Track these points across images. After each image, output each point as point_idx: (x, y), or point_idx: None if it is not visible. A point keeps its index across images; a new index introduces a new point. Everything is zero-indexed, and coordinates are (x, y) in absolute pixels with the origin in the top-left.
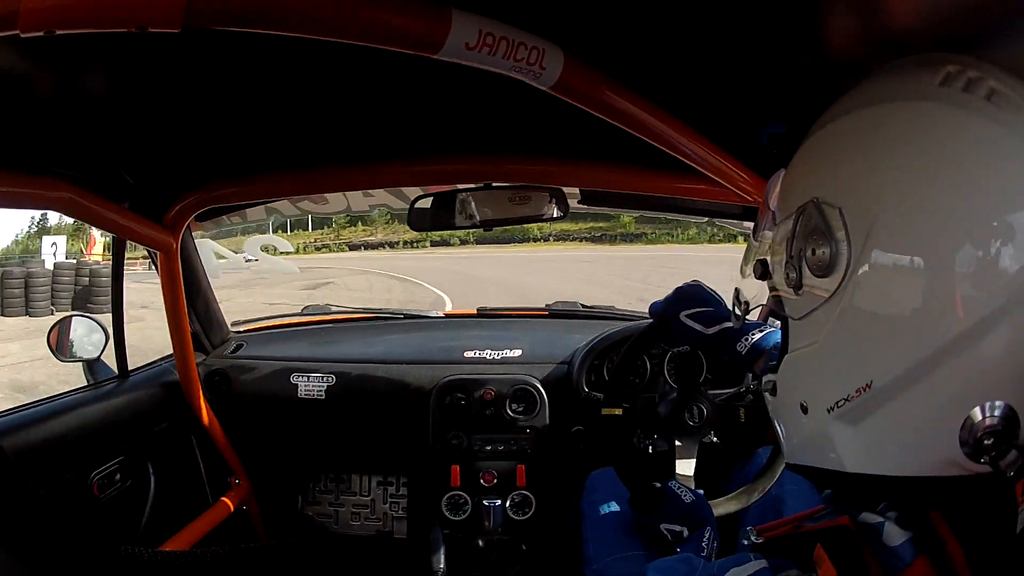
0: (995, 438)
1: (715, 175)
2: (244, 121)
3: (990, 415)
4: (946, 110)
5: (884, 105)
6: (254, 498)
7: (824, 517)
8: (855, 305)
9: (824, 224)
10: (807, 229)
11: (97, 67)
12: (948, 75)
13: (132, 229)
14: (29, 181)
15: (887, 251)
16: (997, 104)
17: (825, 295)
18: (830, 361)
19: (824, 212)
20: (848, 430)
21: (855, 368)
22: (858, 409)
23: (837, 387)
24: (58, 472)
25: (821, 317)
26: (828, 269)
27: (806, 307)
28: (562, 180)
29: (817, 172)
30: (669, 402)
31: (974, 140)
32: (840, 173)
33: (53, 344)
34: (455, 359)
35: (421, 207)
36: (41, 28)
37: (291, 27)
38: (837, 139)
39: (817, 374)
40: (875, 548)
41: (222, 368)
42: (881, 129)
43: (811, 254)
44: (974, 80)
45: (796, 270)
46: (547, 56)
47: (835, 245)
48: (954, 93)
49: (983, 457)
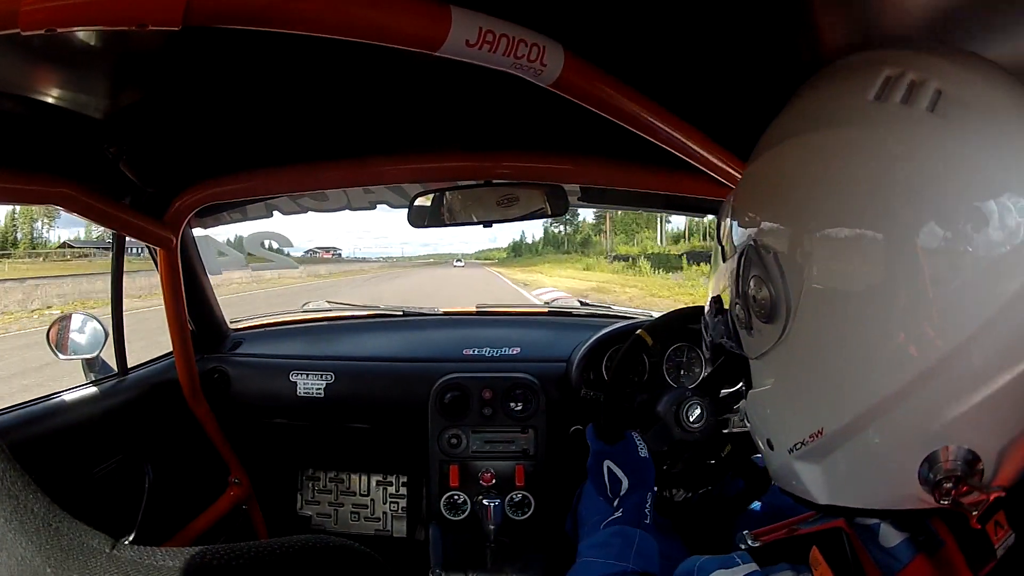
0: (954, 481)
1: (715, 172)
2: (245, 118)
3: (949, 459)
4: (881, 135)
5: (813, 134)
6: (253, 497)
7: (819, 520)
8: (798, 352)
9: (763, 268)
10: (748, 271)
11: (98, 65)
12: (886, 81)
13: (132, 226)
14: (30, 178)
15: (824, 300)
16: (943, 113)
17: (771, 341)
18: (784, 405)
19: (761, 255)
20: (812, 467)
21: (806, 414)
22: (816, 451)
23: (793, 431)
24: (58, 469)
25: (772, 359)
26: (771, 315)
27: (758, 348)
28: (562, 177)
29: (753, 209)
30: (668, 401)
31: (916, 166)
32: (773, 214)
33: (53, 341)
34: (454, 357)
35: (421, 204)
36: (42, 26)
37: (291, 25)
38: (770, 173)
39: (775, 415)
40: (872, 549)
41: (221, 366)
42: (810, 167)
43: (754, 299)
44: (916, 84)
45: (745, 311)
46: (548, 53)
47: (774, 291)
48: (891, 108)
49: (944, 499)
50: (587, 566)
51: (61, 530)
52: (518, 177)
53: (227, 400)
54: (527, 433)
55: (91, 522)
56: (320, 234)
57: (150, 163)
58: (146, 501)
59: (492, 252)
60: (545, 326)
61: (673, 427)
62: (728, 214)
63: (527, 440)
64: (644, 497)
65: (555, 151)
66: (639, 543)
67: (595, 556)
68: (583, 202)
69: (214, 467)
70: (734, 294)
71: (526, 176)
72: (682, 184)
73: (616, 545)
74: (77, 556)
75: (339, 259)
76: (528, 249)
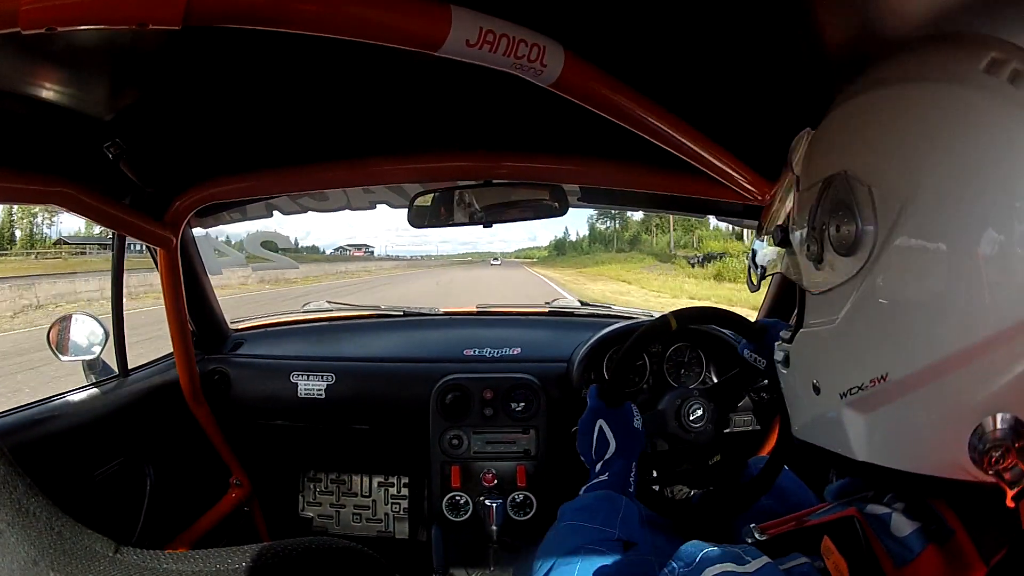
0: (1001, 450)
1: (715, 173)
2: (245, 118)
3: (1000, 427)
4: (992, 102)
5: (924, 84)
6: (255, 498)
7: (830, 510)
8: (876, 290)
9: (852, 201)
10: (833, 203)
11: (98, 64)
12: (992, 62)
13: (132, 225)
14: (30, 177)
15: (915, 239)
16: None
17: (846, 275)
18: (846, 345)
19: (853, 188)
20: (859, 418)
21: (872, 357)
22: (872, 399)
23: (852, 373)
24: (59, 472)
25: (840, 296)
26: (852, 248)
27: (825, 283)
28: (563, 177)
29: (848, 144)
30: (670, 400)
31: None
32: (873, 150)
33: (53, 343)
34: (454, 357)
35: (421, 204)
36: (42, 25)
37: (292, 25)
38: (872, 112)
39: (832, 355)
40: (883, 539)
41: (222, 367)
42: (920, 110)
43: (835, 230)
44: (1020, 72)
45: (818, 243)
46: (548, 53)
47: (861, 225)
48: (1000, 85)
49: (988, 469)
50: (573, 530)
51: (64, 534)
52: (518, 177)
53: (228, 401)
54: (528, 433)
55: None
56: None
57: (150, 163)
58: (147, 503)
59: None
60: (546, 326)
61: (674, 426)
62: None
63: (528, 440)
64: (629, 465)
65: (555, 151)
66: (624, 510)
67: (580, 520)
68: (583, 202)
69: (215, 469)
70: (809, 222)
71: (526, 176)
72: (683, 184)
73: (603, 511)
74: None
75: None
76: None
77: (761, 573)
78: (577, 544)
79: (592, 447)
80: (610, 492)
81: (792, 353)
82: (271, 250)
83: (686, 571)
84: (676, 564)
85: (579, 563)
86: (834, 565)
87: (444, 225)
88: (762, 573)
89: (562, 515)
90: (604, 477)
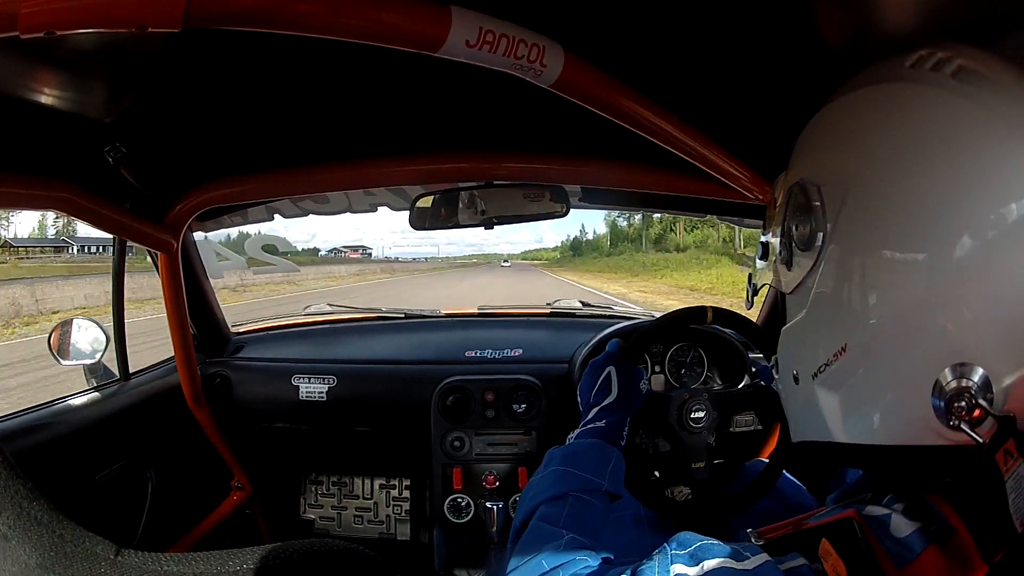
0: (965, 400)
1: (716, 172)
2: (245, 121)
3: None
4: (911, 87)
5: (859, 90)
6: (257, 501)
7: (827, 514)
8: (831, 272)
9: (806, 201)
10: (794, 208)
11: (98, 68)
12: (919, 58)
13: (133, 230)
14: (30, 182)
15: (857, 219)
16: (962, 79)
17: (808, 267)
18: (813, 328)
19: (807, 190)
20: (832, 397)
21: (831, 333)
22: (838, 373)
23: (819, 352)
24: (61, 476)
25: (805, 289)
26: (809, 243)
27: (794, 280)
28: (563, 178)
29: (803, 158)
30: (670, 401)
31: (937, 114)
32: (819, 154)
33: (55, 347)
34: (456, 359)
35: (422, 206)
36: (41, 29)
37: (291, 26)
38: (819, 126)
39: (804, 343)
40: (883, 540)
41: (223, 370)
42: (855, 111)
43: (796, 230)
44: (942, 60)
45: (787, 247)
46: (547, 54)
47: (814, 219)
48: (921, 73)
49: (957, 421)
50: (562, 475)
51: (65, 537)
52: (519, 178)
53: (229, 404)
54: (530, 435)
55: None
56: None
57: (151, 166)
58: (149, 506)
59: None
60: (547, 327)
61: (676, 425)
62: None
63: (530, 442)
64: (624, 420)
65: (555, 152)
66: (615, 463)
67: (570, 467)
68: (584, 203)
69: (217, 472)
70: (780, 230)
71: (527, 177)
72: (683, 184)
73: (593, 460)
74: (82, 563)
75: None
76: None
77: (760, 571)
78: (564, 490)
79: (594, 389)
80: (602, 442)
81: (779, 355)
82: (272, 253)
83: (680, 553)
84: (670, 546)
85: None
86: (832, 568)
87: (445, 227)
88: (760, 571)
89: (551, 459)
90: (600, 424)
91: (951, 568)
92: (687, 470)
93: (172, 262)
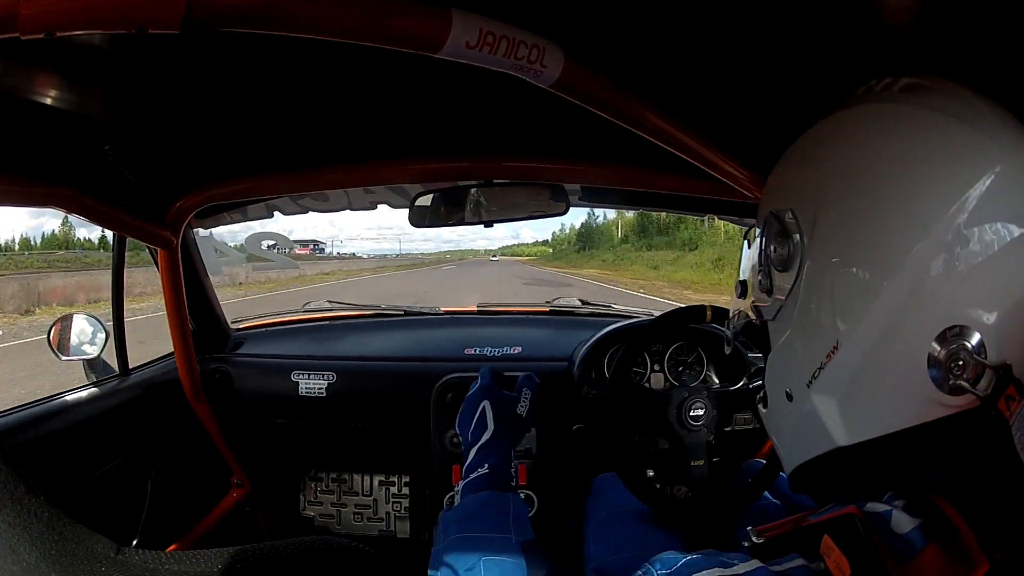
0: (962, 358)
1: (714, 171)
2: (246, 119)
3: (953, 338)
4: (862, 108)
5: (819, 123)
6: (256, 498)
7: (829, 509)
8: (812, 281)
9: (781, 227)
10: (770, 236)
11: (98, 67)
12: (869, 86)
13: (133, 227)
14: (32, 180)
15: (831, 223)
16: (907, 89)
17: (788, 286)
18: (802, 339)
19: (780, 217)
20: (830, 401)
21: (822, 336)
22: (834, 374)
23: (811, 359)
24: (60, 472)
25: (788, 308)
26: (789, 263)
27: (776, 304)
28: (563, 177)
29: (772, 192)
30: (669, 399)
31: (886, 123)
32: (789, 183)
33: (54, 343)
34: (455, 356)
35: (421, 204)
36: (41, 31)
37: (292, 27)
38: (785, 162)
39: (792, 357)
40: (884, 536)
41: (223, 366)
42: (816, 140)
43: (774, 253)
44: (891, 82)
45: (767, 275)
46: (547, 54)
47: (791, 241)
48: (872, 95)
49: (956, 380)
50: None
51: (66, 535)
52: (519, 178)
53: (229, 400)
54: (529, 432)
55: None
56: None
57: (151, 164)
58: (149, 503)
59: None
60: (546, 325)
61: (675, 423)
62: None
63: (529, 439)
64: (509, 455)
65: (555, 151)
66: (515, 509)
67: (469, 532)
68: (583, 201)
69: (216, 468)
70: (759, 264)
71: (527, 176)
72: (683, 183)
73: (491, 516)
74: (82, 561)
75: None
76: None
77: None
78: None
79: (470, 427)
80: (492, 492)
81: (766, 384)
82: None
83: (666, 573)
84: (655, 567)
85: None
86: (835, 563)
87: (444, 225)
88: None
89: (446, 527)
90: (483, 470)
91: (952, 564)
92: (686, 468)
93: (172, 258)
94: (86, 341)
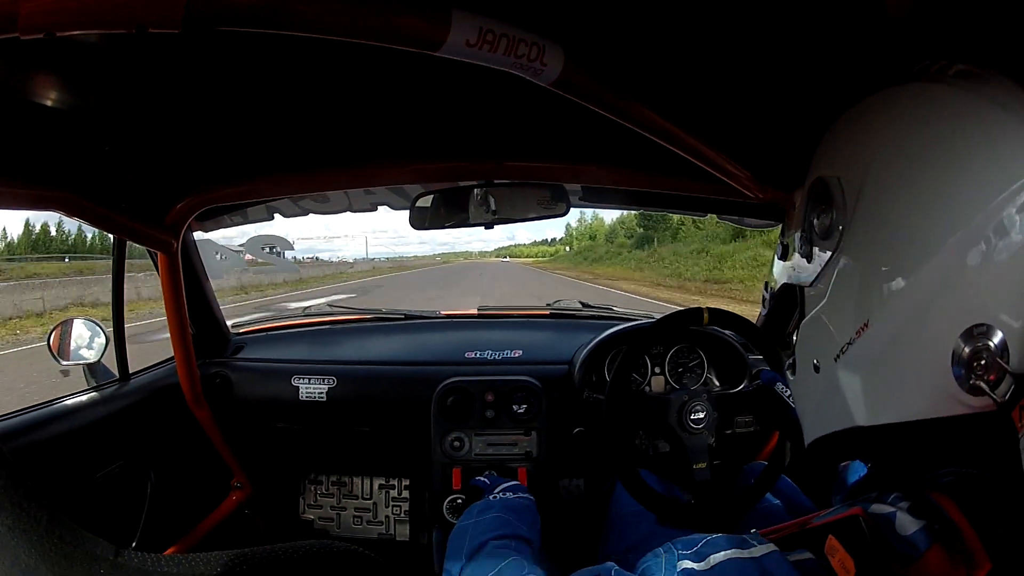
0: (985, 358)
1: (715, 171)
2: (245, 121)
3: (979, 336)
4: (916, 87)
5: (870, 97)
6: (256, 501)
7: (833, 512)
8: (850, 257)
9: (826, 193)
10: (814, 202)
11: (97, 68)
12: (924, 67)
13: (133, 230)
14: (32, 184)
15: (874, 203)
16: (961, 75)
17: (828, 255)
18: (835, 310)
19: (826, 183)
20: (855, 379)
21: (854, 310)
22: (861, 350)
23: (841, 333)
24: (60, 476)
25: (826, 277)
26: (829, 232)
27: (815, 271)
28: (564, 177)
29: (820, 158)
30: (670, 402)
31: (937, 105)
32: (838, 151)
33: (54, 347)
34: (456, 360)
35: (422, 205)
36: (41, 30)
37: (292, 26)
38: (834, 132)
39: (824, 329)
40: (889, 537)
41: (223, 370)
42: (866, 112)
43: (817, 221)
44: (943, 66)
45: (807, 241)
46: (547, 53)
47: (834, 209)
48: (927, 74)
49: (976, 380)
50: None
51: (65, 538)
52: (519, 178)
53: (229, 404)
54: (530, 435)
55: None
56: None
57: (151, 167)
58: (148, 506)
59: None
60: (547, 328)
61: (676, 427)
62: None
63: (530, 442)
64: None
65: (555, 151)
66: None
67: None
68: (584, 201)
69: (216, 472)
70: (801, 227)
71: (528, 177)
72: (683, 183)
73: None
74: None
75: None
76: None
77: (767, 560)
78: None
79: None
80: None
81: (796, 352)
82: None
83: (687, 553)
84: (676, 546)
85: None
86: (840, 563)
87: (444, 226)
88: (768, 560)
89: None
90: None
91: (956, 565)
92: (688, 471)
93: (172, 262)
94: (86, 346)
